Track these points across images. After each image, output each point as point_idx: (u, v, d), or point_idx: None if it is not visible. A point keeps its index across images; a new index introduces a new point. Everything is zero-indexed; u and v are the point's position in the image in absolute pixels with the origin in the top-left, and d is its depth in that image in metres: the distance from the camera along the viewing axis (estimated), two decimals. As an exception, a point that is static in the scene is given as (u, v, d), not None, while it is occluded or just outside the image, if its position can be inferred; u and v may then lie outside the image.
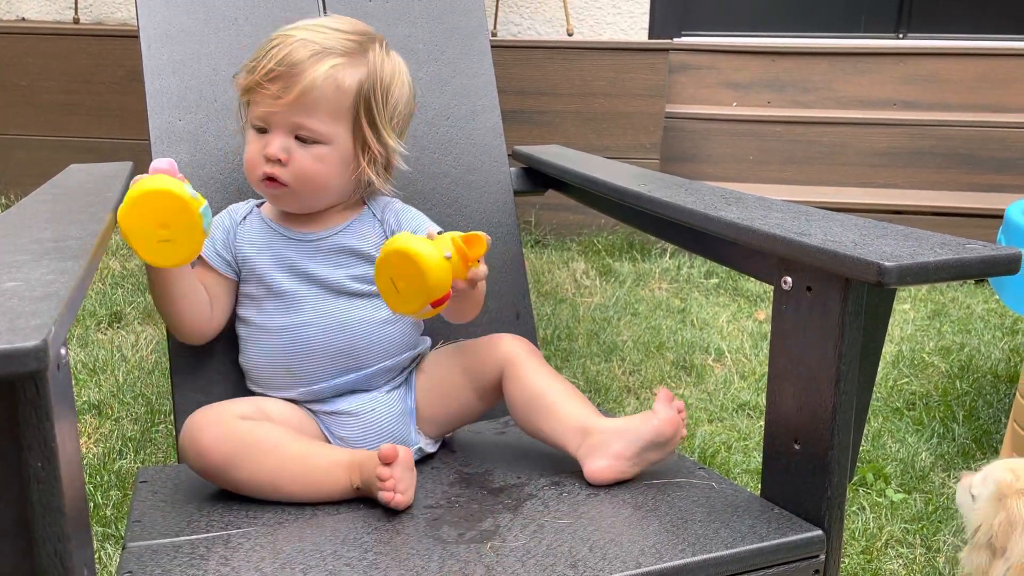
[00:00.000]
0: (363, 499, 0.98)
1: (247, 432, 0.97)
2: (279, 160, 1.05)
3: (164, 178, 0.94)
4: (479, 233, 0.94)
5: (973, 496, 1.13)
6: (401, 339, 1.11)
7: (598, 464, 0.99)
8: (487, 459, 1.10)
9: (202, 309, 1.10)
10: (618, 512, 0.94)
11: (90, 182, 1.15)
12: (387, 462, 0.93)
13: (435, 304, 0.93)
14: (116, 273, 2.67)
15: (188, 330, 1.10)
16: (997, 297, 2.69)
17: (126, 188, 1.15)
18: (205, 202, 0.96)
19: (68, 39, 3.15)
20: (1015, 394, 1.67)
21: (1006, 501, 1.04)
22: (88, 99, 3.17)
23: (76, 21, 3.51)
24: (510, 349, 1.09)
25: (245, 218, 1.14)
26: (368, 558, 0.86)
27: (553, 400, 1.04)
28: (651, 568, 0.83)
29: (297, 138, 1.05)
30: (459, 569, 0.83)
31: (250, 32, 1.34)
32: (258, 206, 1.16)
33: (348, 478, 0.97)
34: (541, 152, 1.45)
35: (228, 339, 1.20)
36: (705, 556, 0.85)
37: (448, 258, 0.92)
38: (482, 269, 0.97)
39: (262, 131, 1.07)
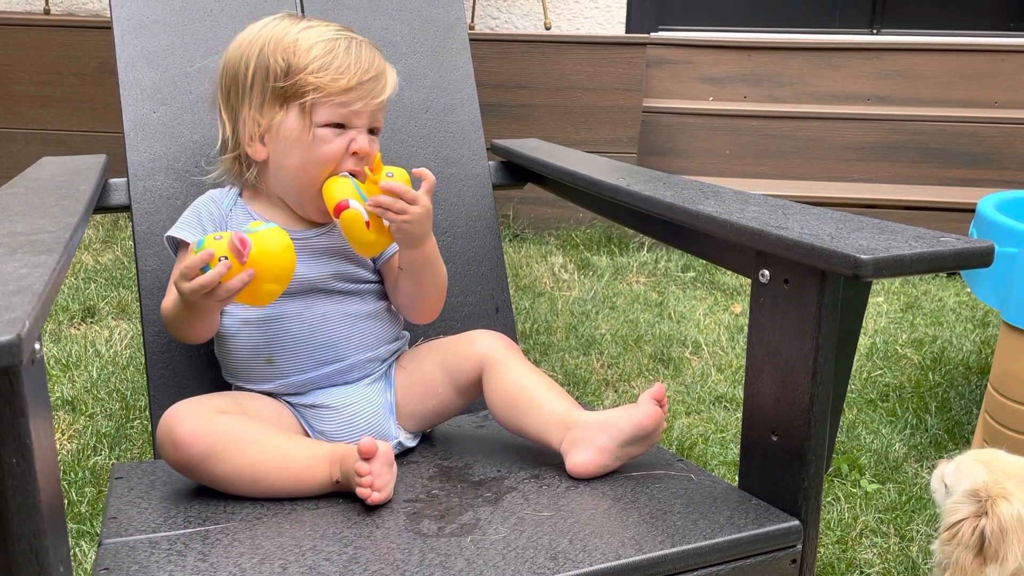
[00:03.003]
0: (342, 493, 0.98)
1: (226, 426, 0.96)
2: (368, 153, 1.08)
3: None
4: (377, 154, 1.06)
5: (946, 486, 1.15)
6: (380, 332, 1.12)
7: (580, 458, 1.00)
8: (467, 453, 1.10)
9: (218, 316, 1.08)
10: (598, 504, 0.95)
11: (63, 175, 1.13)
12: (366, 457, 0.93)
13: (336, 211, 1.03)
14: (89, 268, 2.63)
15: (205, 337, 1.08)
16: (969, 290, 2.73)
17: (100, 183, 1.14)
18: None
19: (39, 30, 3.10)
20: (986, 385, 1.69)
21: (993, 506, 1.04)
22: (60, 91, 3.13)
23: (47, 12, 3.45)
24: (489, 346, 1.09)
25: (231, 209, 1.13)
26: (348, 552, 0.86)
27: (534, 396, 1.05)
28: (631, 559, 0.84)
29: (369, 131, 1.10)
30: (440, 563, 0.83)
31: (226, 23, 1.32)
32: (239, 195, 1.14)
33: (328, 472, 0.97)
34: (520, 146, 1.45)
35: (205, 334, 1.19)
36: (684, 547, 0.86)
37: (345, 176, 1.05)
38: (395, 184, 1.01)
39: (336, 127, 1.07)
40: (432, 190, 1.05)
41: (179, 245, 1.10)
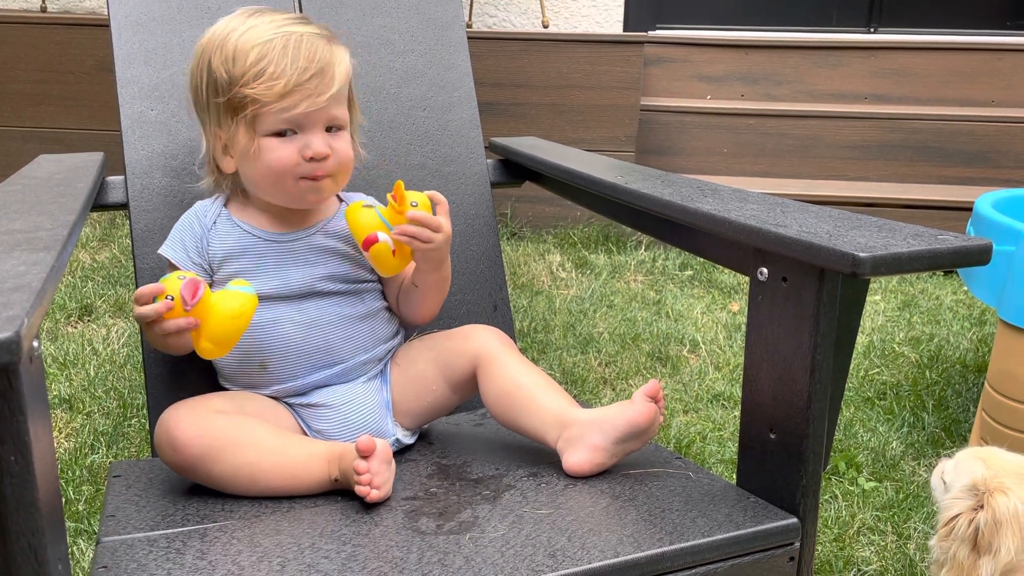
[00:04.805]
0: (341, 491, 0.98)
1: (223, 426, 0.96)
2: (327, 155, 1.04)
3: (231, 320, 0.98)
4: (399, 182, 1.04)
5: (945, 483, 1.15)
6: (375, 333, 1.11)
7: (576, 457, 1.00)
8: (465, 450, 1.10)
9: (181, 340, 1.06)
10: (596, 502, 0.95)
11: (60, 173, 1.13)
12: (364, 455, 0.93)
13: (366, 245, 1.04)
14: (86, 266, 2.63)
15: (177, 353, 1.06)
16: (966, 288, 2.73)
17: (97, 181, 1.13)
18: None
19: (35, 28, 3.10)
20: (983, 383, 1.69)
21: (990, 499, 1.05)
22: (57, 88, 3.12)
23: (43, 9, 3.45)
24: (482, 343, 1.09)
25: (215, 222, 1.10)
26: (347, 550, 0.86)
27: (529, 394, 1.04)
28: (629, 557, 0.84)
29: (326, 129, 1.06)
30: (438, 560, 0.83)
31: (223, 21, 1.32)
32: (224, 206, 1.13)
33: (326, 470, 0.97)
34: (518, 144, 1.45)
35: (203, 332, 1.19)
36: (683, 545, 0.86)
37: (368, 206, 1.05)
38: (421, 214, 1.02)
39: (285, 134, 1.03)
40: (448, 213, 1.06)
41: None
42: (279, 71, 1.01)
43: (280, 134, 1.03)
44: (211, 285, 1.09)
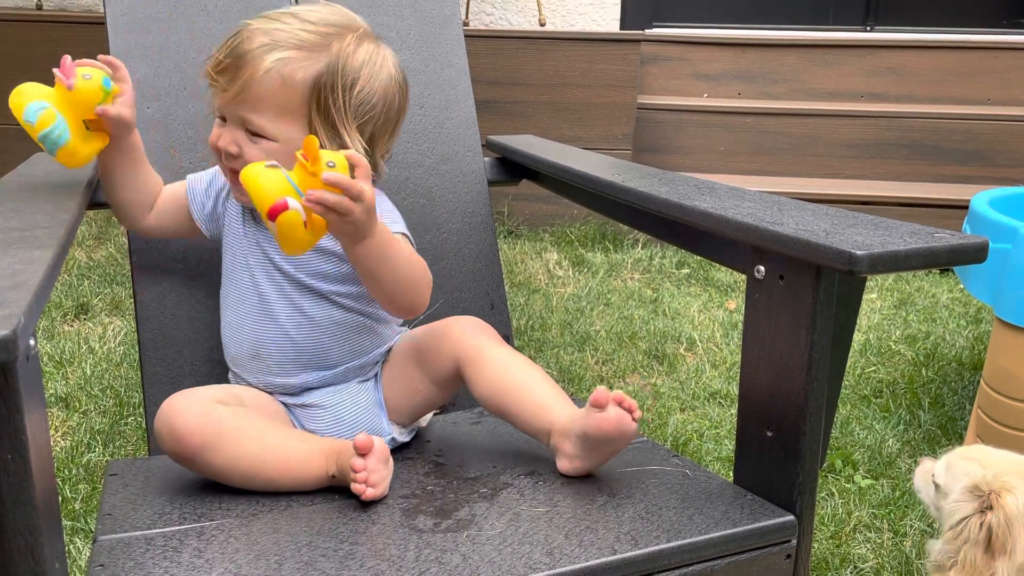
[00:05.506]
0: (338, 489, 0.97)
1: (225, 417, 0.96)
2: (230, 153, 1.03)
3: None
4: (310, 137, 0.88)
5: (937, 485, 1.15)
6: (374, 338, 1.10)
7: (561, 464, 1.00)
8: (462, 449, 1.10)
9: (136, 199, 1.11)
10: (593, 500, 0.95)
11: (57, 171, 1.13)
12: (362, 453, 0.93)
13: (272, 214, 0.87)
14: (82, 264, 2.63)
15: (118, 206, 1.12)
16: (962, 286, 2.74)
17: (94, 179, 1.13)
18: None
19: (31, 25, 3.09)
20: (979, 381, 1.70)
21: (998, 500, 1.04)
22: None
23: (39, 7, 3.44)
24: (461, 341, 1.05)
25: (224, 185, 1.14)
26: (344, 548, 0.86)
27: (514, 400, 1.02)
28: (627, 555, 0.84)
29: (248, 131, 1.03)
30: (436, 558, 0.83)
31: (220, 19, 1.32)
32: None
33: (324, 466, 0.97)
34: (515, 142, 1.45)
35: (198, 331, 1.19)
36: (680, 542, 0.86)
37: (273, 166, 0.89)
38: (339, 176, 0.86)
39: (223, 119, 1.05)
40: (369, 176, 0.90)
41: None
42: (211, 57, 1.05)
43: (221, 118, 1.06)
44: (196, 227, 1.15)
